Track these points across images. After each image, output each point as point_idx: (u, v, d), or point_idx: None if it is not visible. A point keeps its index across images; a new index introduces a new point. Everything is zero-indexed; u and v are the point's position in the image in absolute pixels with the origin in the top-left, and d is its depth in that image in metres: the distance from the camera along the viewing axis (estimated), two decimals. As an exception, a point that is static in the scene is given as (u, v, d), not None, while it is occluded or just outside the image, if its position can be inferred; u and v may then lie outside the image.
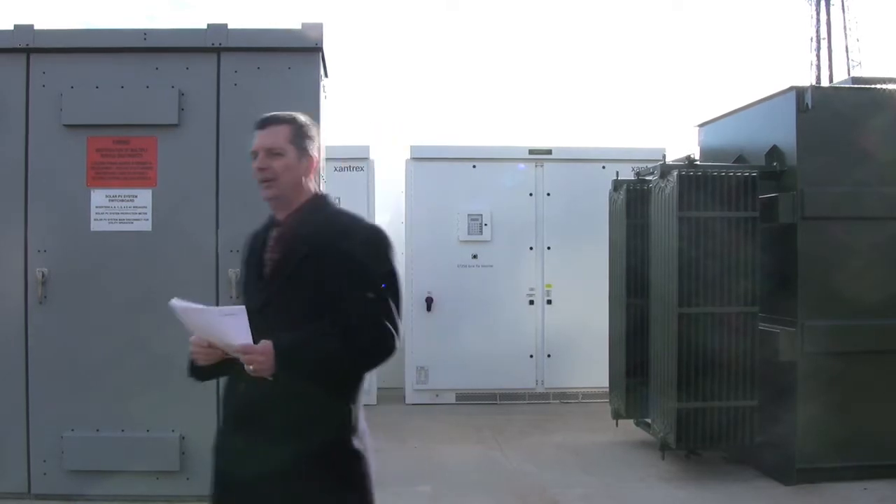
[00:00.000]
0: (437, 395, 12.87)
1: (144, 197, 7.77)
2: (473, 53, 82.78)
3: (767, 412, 8.67)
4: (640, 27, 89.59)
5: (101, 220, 7.77)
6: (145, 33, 7.86)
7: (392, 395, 12.99)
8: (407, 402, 12.91)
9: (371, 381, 12.51)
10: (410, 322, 12.74)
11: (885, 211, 8.72)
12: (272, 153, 4.05)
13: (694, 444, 8.87)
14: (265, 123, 4.11)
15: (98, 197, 7.77)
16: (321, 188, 7.95)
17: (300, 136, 4.11)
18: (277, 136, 4.07)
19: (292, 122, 4.13)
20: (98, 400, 7.70)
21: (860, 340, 8.61)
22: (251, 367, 3.73)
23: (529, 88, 73.37)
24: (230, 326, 3.76)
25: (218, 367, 3.97)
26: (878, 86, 9.11)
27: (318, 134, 4.27)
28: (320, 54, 7.95)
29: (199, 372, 4.04)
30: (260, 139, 4.09)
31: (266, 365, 3.73)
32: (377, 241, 4.04)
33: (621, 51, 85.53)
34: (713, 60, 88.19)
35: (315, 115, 7.85)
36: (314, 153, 4.17)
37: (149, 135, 7.78)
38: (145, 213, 7.71)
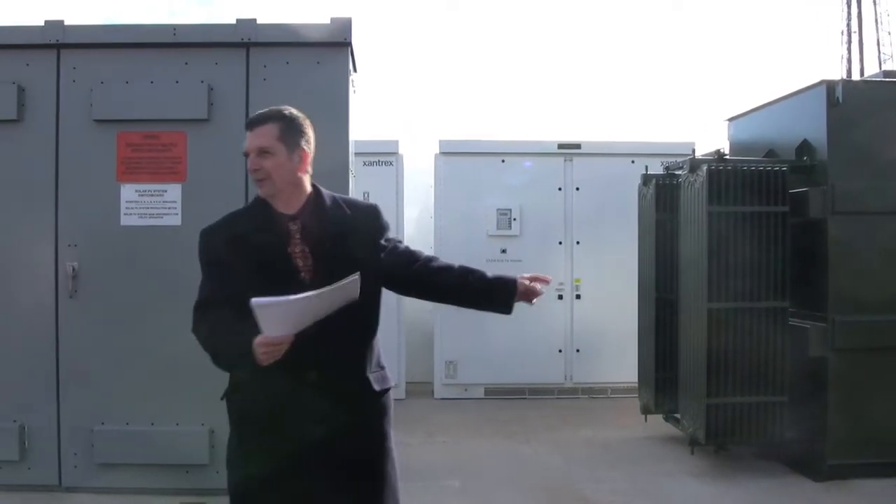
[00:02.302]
0: (465, 390, 12.85)
1: (174, 191, 7.81)
2: (502, 47, 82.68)
3: (798, 408, 8.62)
4: (669, 20, 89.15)
5: (130, 214, 7.81)
6: (175, 29, 7.90)
7: (421, 389, 13.03)
8: (435, 396, 12.91)
9: (400, 376, 12.56)
10: (439, 317, 12.77)
11: (916, 205, 8.64)
12: (263, 153, 4.15)
13: (723, 440, 8.82)
14: (254, 124, 4.21)
15: (128, 192, 7.81)
16: (351, 182, 8.01)
17: (290, 133, 4.21)
18: (266, 136, 4.16)
19: (280, 119, 4.23)
20: (128, 393, 7.73)
21: (891, 336, 8.52)
22: None
23: (558, 83, 73.18)
24: (348, 293, 3.93)
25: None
26: (910, 79, 9.06)
27: (310, 127, 4.34)
28: (349, 49, 7.95)
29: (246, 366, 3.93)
30: (250, 140, 4.19)
31: None
32: (383, 214, 4.48)
33: (651, 44, 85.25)
34: (743, 54, 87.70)
35: (344, 110, 7.90)
36: (306, 147, 4.26)
37: (178, 129, 7.82)
38: (175, 208, 7.74)
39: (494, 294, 4.42)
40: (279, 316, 3.77)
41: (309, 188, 4.32)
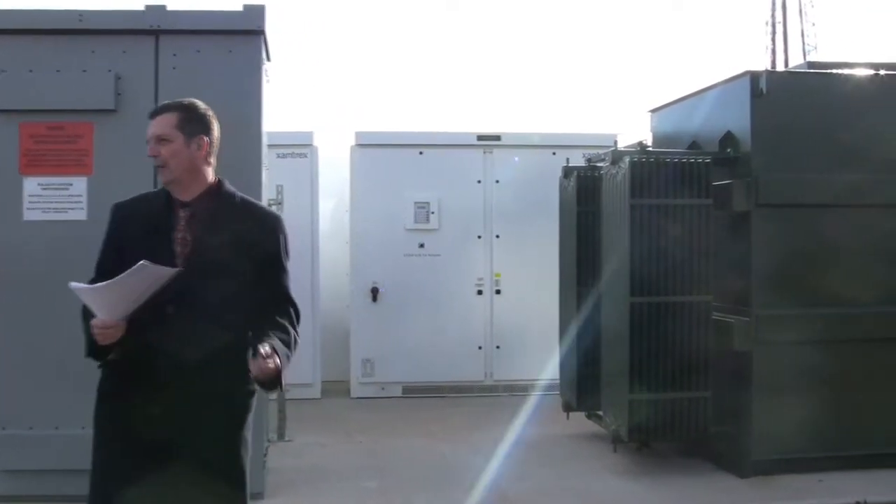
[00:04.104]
0: (382, 389, 12.85)
1: (80, 185, 7.71)
2: (419, 37, 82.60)
3: (722, 403, 8.75)
4: (590, 9, 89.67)
5: (34, 209, 7.70)
6: (80, 15, 7.79)
7: (337, 388, 13.00)
8: (352, 395, 12.87)
9: (315, 375, 12.52)
10: (355, 313, 12.82)
11: (841, 198, 8.81)
12: (160, 140, 4.42)
13: (646, 437, 8.95)
14: (154, 113, 4.51)
15: (31, 185, 7.70)
16: (263, 175, 7.97)
17: (189, 122, 4.47)
18: (164, 124, 4.45)
19: (180, 109, 4.51)
20: (31, 397, 7.63)
21: (815, 329, 8.70)
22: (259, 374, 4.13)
23: (478, 73, 73.21)
24: (153, 276, 4.10)
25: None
26: (834, 70, 9.22)
27: (215, 120, 4.60)
28: (262, 37, 7.93)
29: (101, 352, 4.27)
30: (150, 128, 4.48)
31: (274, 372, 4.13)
32: (283, 228, 4.64)
33: (572, 33, 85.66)
34: (667, 44, 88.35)
35: (256, 100, 7.87)
36: (206, 138, 4.50)
37: (85, 120, 7.73)
38: (80, 202, 7.65)
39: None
40: (96, 300, 4.09)
41: (210, 179, 4.53)
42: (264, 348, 4.08)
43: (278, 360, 4.15)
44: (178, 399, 4.22)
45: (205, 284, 4.15)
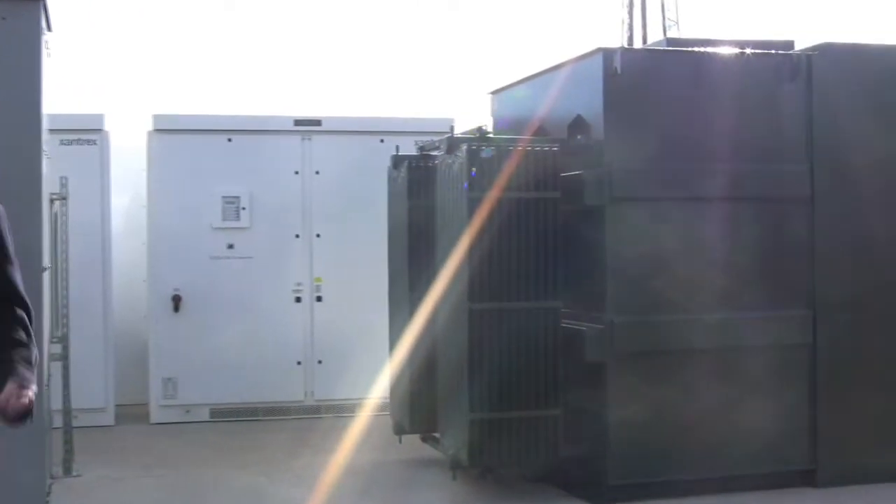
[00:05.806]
0: (187, 412, 12.63)
1: None
2: (228, 10, 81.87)
3: (574, 422, 8.74)
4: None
5: None
6: None
7: (133, 412, 12.73)
8: (151, 420, 12.61)
9: (107, 397, 12.21)
10: (154, 325, 12.55)
11: (705, 190, 8.89)
12: None
13: (489, 461, 8.85)
14: None
15: None
16: (44, 165, 7.68)
17: None
18: None
19: None
20: None
21: (676, 338, 8.76)
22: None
23: (297, 52, 72.76)
24: None
25: None
26: (696, 49, 9.28)
27: None
28: (41, 4, 7.71)
29: None
30: None
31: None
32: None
33: (402, 5, 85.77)
34: (511, 17, 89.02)
35: (35, 76, 7.67)
36: None
37: None
38: None
39: None
40: None
41: None
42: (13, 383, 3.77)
43: (30, 394, 3.80)
44: None
45: None
